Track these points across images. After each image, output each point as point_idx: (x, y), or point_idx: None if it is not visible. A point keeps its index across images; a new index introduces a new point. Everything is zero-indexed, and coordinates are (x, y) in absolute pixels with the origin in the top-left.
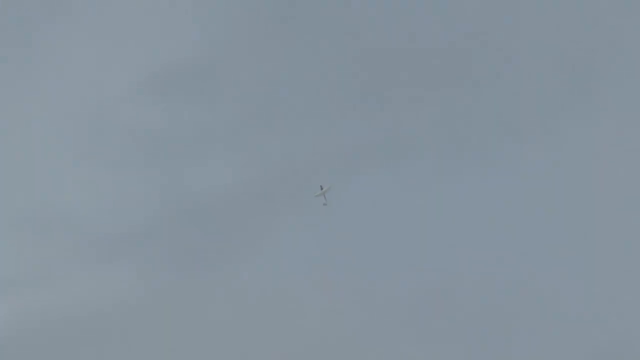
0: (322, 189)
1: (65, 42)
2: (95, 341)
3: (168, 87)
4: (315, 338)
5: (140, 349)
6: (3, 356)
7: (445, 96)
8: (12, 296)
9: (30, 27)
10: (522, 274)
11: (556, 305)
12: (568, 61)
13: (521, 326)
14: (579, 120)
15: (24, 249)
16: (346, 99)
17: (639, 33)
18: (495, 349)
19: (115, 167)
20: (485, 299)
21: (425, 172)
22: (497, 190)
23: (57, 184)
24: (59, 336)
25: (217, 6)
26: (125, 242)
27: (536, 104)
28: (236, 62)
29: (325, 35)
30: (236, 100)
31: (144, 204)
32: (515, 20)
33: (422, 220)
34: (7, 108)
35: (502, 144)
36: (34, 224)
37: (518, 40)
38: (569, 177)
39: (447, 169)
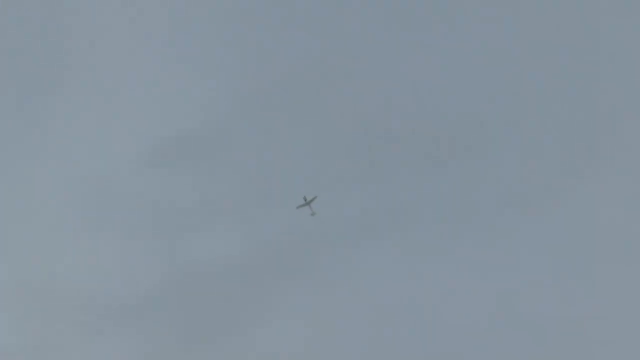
0: (305, 200)
1: (72, 113)
2: None
3: (173, 158)
4: None
5: None
6: None
7: (451, 167)
8: None
9: (38, 96)
10: (526, 343)
11: None
12: (570, 134)
13: None
14: (582, 191)
15: (28, 318)
16: (350, 171)
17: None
18: None
19: (121, 236)
20: None
21: (431, 241)
22: (503, 260)
23: (62, 253)
24: None
25: (222, 79)
26: (129, 311)
27: (539, 176)
28: (241, 134)
29: (331, 108)
30: (240, 171)
31: (149, 272)
32: (518, 94)
33: (427, 289)
34: (14, 178)
35: (505, 214)
36: (38, 294)
37: (521, 113)
38: (571, 247)
39: (451, 239)
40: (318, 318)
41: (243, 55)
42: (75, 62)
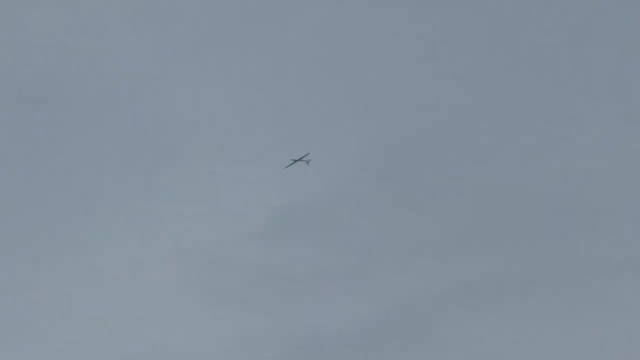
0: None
1: (185, 184)
2: None
3: (286, 229)
4: None
5: None
6: None
7: (558, 235)
8: None
9: (149, 169)
10: None
11: None
12: None
13: None
14: None
15: None
16: (453, 240)
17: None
18: None
19: (239, 308)
20: None
21: (552, 307)
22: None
23: (177, 325)
24: None
25: (331, 152)
26: None
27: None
28: (359, 200)
29: (433, 180)
30: (350, 243)
31: (264, 343)
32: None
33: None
34: (123, 250)
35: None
36: None
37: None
38: None
39: (573, 304)
40: None
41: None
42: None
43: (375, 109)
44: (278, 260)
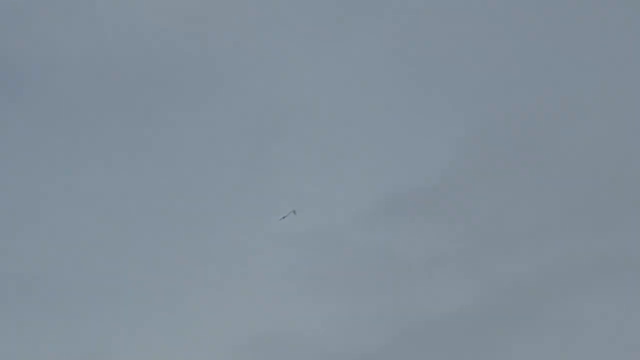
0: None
1: (293, 167)
2: None
3: (397, 210)
4: None
5: None
6: None
7: None
8: None
9: (258, 152)
10: None
11: None
12: None
13: None
14: None
15: None
16: (569, 219)
17: None
18: None
19: (345, 291)
20: None
21: None
22: None
23: (287, 308)
24: None
25: (444, 132)
26: None
27: None
28: (464, 188)
29: (547, 158)
30: (467, 223)
31: (375, 328)
32: None
33: None
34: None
35: None
36: (265, 349)
37: None
38: None
39: None
40: None
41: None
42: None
43: (487, 91)
44: (389, 244)
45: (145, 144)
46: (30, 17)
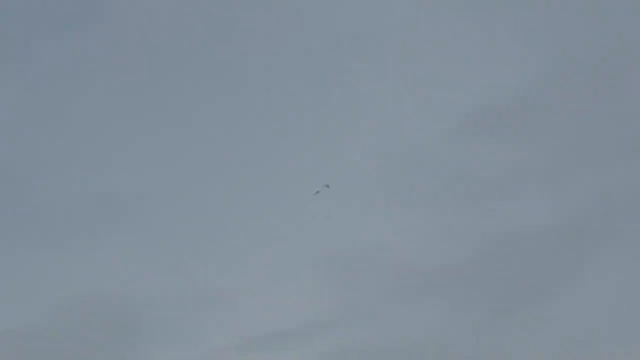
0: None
1: (380, 82)
2: None
3: (482, 126)
4: None
5: None
6: None
7: None
8: (328, 336)
9: (345, 67)
10: None
11: None
12: None
13: None
14: None
15: (338, 288)
16: None
17: None
18: None
19: (428, 205)
20: None
21: None
22: None
23: (370, 223)
24: None
25: (525, 50)
26: (437, 279)
27: None
28: (551, 102)
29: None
30: (550, 139)
31: (457, 241)
32: None
33: None
34: (322, 148)
35: None
36: (348, 264)
37: None
38: None
39: None
40: (627, 286)
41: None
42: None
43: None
44: (471, 160)
45: None
46: None
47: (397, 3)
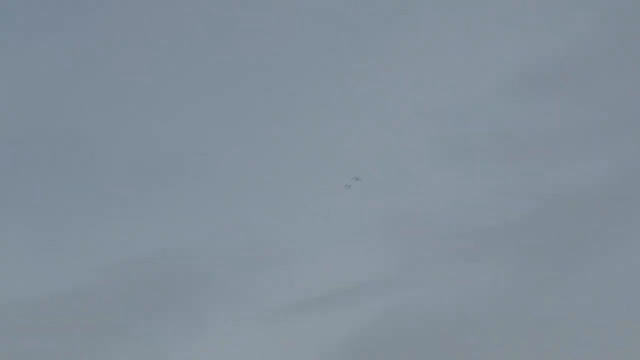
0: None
1: (432, 42)
2: (461, 340)
3: (536, 84)
4: None
5: (502, 348)
6: (379, 354)
7: None
8: (384, 296)
9: (399, 30)
10: None
11: None
12: None
13: None
14: None
15: (395, 248)
16: None
17: None
18: None
19: (484, 165)
20: None
21: None
22: None
23: (423, 183)
24: (430, 335)
25: (576, 7)
26: (493, 239)
27: None
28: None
29: None
30: (604, 96)
31: (513, 200)
32: None
33: None
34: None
35: None
36: (404, 224)
37: None
38: None
39: None
40: None
41: None
42: None
43: None
44: (526, 119)
45: None
46: None
47: None
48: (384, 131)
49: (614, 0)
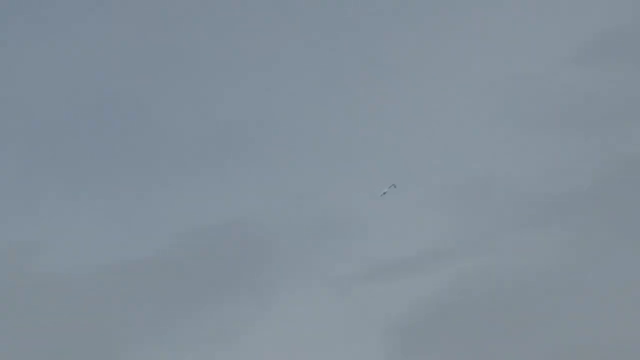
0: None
1: (502, 9)
2: (529, 307)
3: (608, 50)
4: None
5: (571, 315)
6: (447, 322)
7: None
8: (450, 265)
9: None
10: None
11: None
12: None
13: None
14: None
15: (463, 216)
16: None
17: None
18: None
19: (553, 131)
20: None
21: None
22: None
23: (492, 151)
24: (497, 303)
25: None
26: (562, 206)
27: None
28: None
29: None
30: None
31: (582, 167)
32: None
33: None
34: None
35: None
36: (471, 191)
37: None
38: None
39: None
40: None
41: None
42: None
43: None
44: (598, 85)
45: None
46: None
47: None
48: (454, 100)
49: None
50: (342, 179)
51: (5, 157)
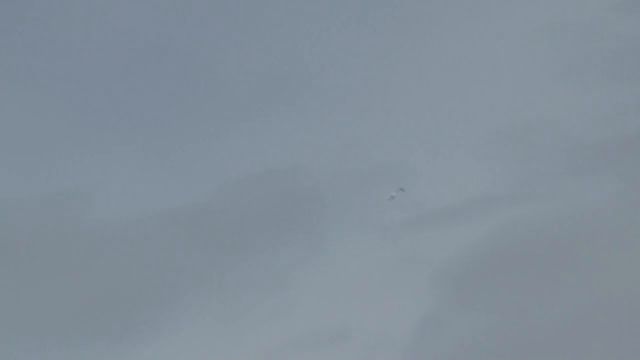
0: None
1: None
2: (575, 254)
3: None
4: None
5: (617, 263)
6: (493, 269)
7: None
8: (501, 211)
9: None
10: None
11: None
12: None
13: None
14: None
15: (511, 163)
16: None
17: None
18: None
19: (601, 78)
20: None
21: None
22: None
23: (540, 98)
24: (544, 250)
25: None
26: (610, 153)
27: None
28: None
29: None
30: None
31: (631, 113)
32: None
33: None
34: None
35: None
36: (521, 138)
37: None
38: None
39: None
40: None
41: None
42: None
43: None
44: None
45: None
46: None
47: None
48: (502, 47)
49: None
50: (393, 128)
51: (61, 106)
